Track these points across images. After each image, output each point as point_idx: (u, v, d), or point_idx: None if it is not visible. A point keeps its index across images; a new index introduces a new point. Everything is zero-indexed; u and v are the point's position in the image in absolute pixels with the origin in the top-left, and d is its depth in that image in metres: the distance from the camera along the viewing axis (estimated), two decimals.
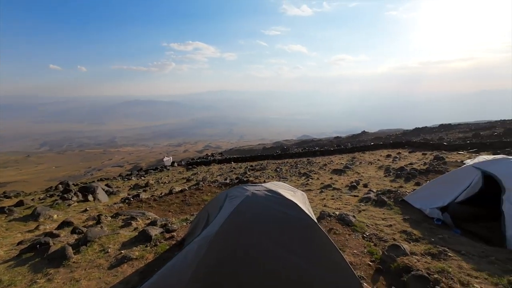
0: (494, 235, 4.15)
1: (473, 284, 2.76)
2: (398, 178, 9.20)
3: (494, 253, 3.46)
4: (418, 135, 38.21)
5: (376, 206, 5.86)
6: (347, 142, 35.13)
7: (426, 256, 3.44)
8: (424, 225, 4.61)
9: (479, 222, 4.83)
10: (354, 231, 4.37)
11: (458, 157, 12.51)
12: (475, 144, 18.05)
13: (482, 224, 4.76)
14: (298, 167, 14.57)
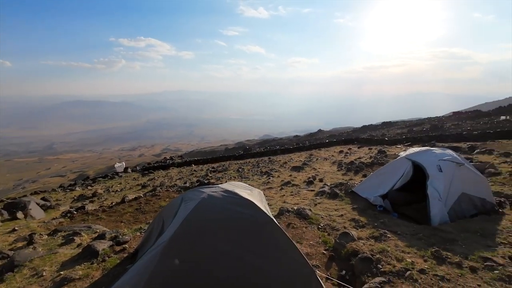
0: (422, 215, 4.87)
1: (406, 259, 3.20)
2: (349, 171, 10.11)
3: (421, 230, 4.07)
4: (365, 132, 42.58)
5: (330, 198, 6.33)
6: (305, 141, 37.16)
7: (370, 240, 3.87)
8: (369, 212, 5.17)
9: (412, 205, 5.62)
10: (310, 224, 4.65)
11: (396, 150, 14.33)
12: (409, 138, 20.90)
13: (414, 206, 5.54)
14: (259, 166, 14.85)
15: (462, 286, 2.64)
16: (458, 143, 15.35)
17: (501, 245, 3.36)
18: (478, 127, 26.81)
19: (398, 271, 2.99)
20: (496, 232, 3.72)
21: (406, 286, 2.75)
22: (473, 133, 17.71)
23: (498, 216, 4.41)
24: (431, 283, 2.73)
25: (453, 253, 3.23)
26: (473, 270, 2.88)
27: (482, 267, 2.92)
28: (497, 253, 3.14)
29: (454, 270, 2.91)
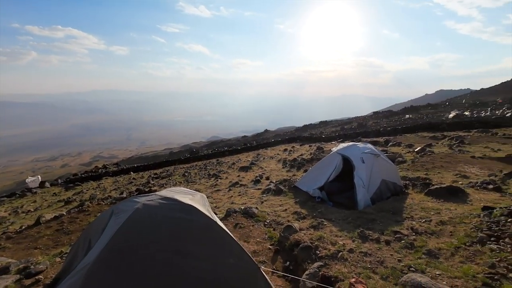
0: (351, 201, 5.60)
1: (338, 242, 3.62)
2: (292, 168, 10.83)
3: (350, 215, 4.68)
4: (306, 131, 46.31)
5: (275, 195, 6.65)
6: (253, 141, 38.08)
7: (310, 229, 4.22)
8: (309, 204, 5.65)
9: (344, 194, 6.40)
10: (257, 221, 4.79)
11: (331, 146, 16.10)
12: (341, 135, 23.76)
13: (345, 194, 6.32)
14: (207, 169, 14.49)
15: (380, 257, 3.14)
16: (377, 137, 18.28)
17: (406, 219, 4.15)
18: (391, 124, 32.48)
19: (332, 254, 3.36)
20: (403, 209, 4.57)
21: (339, 266, 3.11)
22: (387, 129, 21.37)
23: (404, 196, 5.43)
24: (357, 260, 3.16)
25: (373, 231, 3.82)
26: (387, 243, 3.47)
27: (393, 239, 3.54)
28: (403, 226, 3.86)
29: (374, 245, 3.45)
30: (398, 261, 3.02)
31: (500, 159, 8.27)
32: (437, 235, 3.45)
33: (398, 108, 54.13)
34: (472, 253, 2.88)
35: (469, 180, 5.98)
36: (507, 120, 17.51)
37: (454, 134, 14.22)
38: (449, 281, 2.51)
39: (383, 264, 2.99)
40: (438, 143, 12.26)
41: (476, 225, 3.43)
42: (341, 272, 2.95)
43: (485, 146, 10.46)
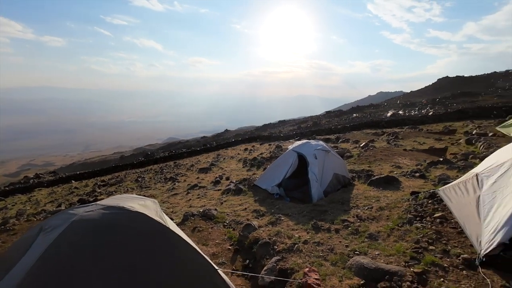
0: (306, 195, 5.95)
1: (294, 235, 3.81)
2: (252, 167, 10.97)
3: (305, 208, 4.97)
4: (266, 130, 47.43)
5: (235, 195, 6.64)
6: (213, 141, 37.37)
7: (268, 226, 4.34)
8: (267, 201, 5.80)
9: (300, 189, 6.76)
10: (216, 223, 4.71)
11: (289, 144, 16.84)
12: (298, 134, 25.01)
13: (301, 189, 6.68)
14: (164, 172, 13.67)
15: (331, 245, 3.41)
16: (329, 135, 19.81)
17: (352, 208, 4.59)
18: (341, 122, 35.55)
19: (289, 247, 3.51)
20: (350, 199, 5.05)
21: (295, 257, 3.27)
22: (338, 127, 23.35)
23: (351, 187, 6.00)
24: (311, 250, 3.37)
25: (325, 221, 4.13)
26: (337, 231, 3.79)
27: (342, 227, 3.88)
28: (350, 214, 4.27)
29: (326, 235, 3.73)
30: (345, 246, 3.32)
31: (424, 150, 9.79)
32: (377, 220, 3.91)
33: (347, 108, 59.56)
34: (403, 232, 3.34)
35: (401, 170, 6.92)
36: (430, 118, 20.85)
37: (390, 131, 16.29)
38: (386, 259, 2.87)
39: (333, 251, 3.25)
40: (378, 139, 13.89)
41: (406, 208, 4.00)
42: (297, 263, 3.11)
43: (413, 140, 12.25)
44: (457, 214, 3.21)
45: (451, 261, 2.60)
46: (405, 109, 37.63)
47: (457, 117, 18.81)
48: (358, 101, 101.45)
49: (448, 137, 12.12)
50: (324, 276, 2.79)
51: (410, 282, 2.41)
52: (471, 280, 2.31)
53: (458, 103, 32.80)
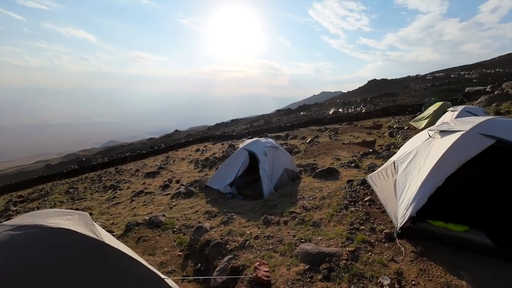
0: (258, 192, 6.11)
1: (246, 232, 3.88)
2: (205, 167, 10.68)
3: (257, 204, 5.10)
4: (218, 129, 46.77)
5: (185, 198, 6.36)
6: (161, 143, 34.97)
7: (220, 226, 4.30)
8: (220, 201, 5.74)
9: (251, 186, 6.89)
10: (165, 230, 4.43)
11: (242, 143, 16.99)
12: (250, 132, 25.44)
13: (253, 186, 6.83)
14: (103, 180, 12.15)
15: (280, 237, 3.58)
16: (280, 132, 20.77)
17: (299, 199, 4.92)
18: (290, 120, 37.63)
19: (240, 244, 3.55)
20: (297, 191, 5.40)
21: (246, 254, 3.32)
22: (287, 125, 24.66)
23: (299, 181, 6.43)
24: (262, 244, 3.48)
25: (275, 215, 4.32)
26: (285, 223, 4.01)
27: (290, 218, 4.13)
28: (297, 206, 4.57)
29: (275, 228, 3.90)
30: (293, 236, 3.53)
31: (358, 143, 11.17)
32: (320, 208, 4.28)
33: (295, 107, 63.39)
34: (340, 217, 3.75)
35: (340, 162, 7.74)
36: (362, 115, 23.90)
37: (332, 127, 18.05)
38: (327, 242, 3.18)
39: (282, 243, 3.43)
40: (322, 135, 15.23)
41: (343, 195, 4.50)
42: (248, 259, 3.17)
43: (350, 134, 13.86)
44: (380, 196, 3.78)
45: (377, 236, 3.05)
46: (343, 107, 42.21)
47: (382, 114, 22.04)
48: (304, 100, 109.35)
49: (376, 131, 14.10)
50: (273, 267, 2.92)
51: (346, 260, 2.72)
52: (391, 250, 2.76)
53: (383, 102, 38.48)
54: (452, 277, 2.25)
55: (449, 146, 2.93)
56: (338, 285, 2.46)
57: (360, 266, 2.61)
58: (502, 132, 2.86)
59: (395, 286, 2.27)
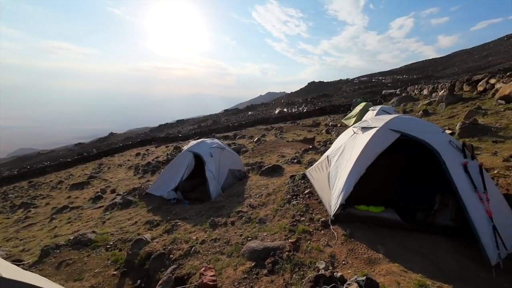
0: (205, 194, 5.93)
1: (192, 238, 3.71)
2: (146, 173, 9.79)
3: (204, 207, 4.95)
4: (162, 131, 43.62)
5: (122, 208, 5.70)
6: (93, 148, 30.51)
7: (163, 235, 4.00)
8: (163, 208, 5.34)
9: (198, 189, 6.65)
10: (96, 248, 3.86)
11: None
12: (198, 133, 24.56)
13: (200, 189, 6.59)
14: (9, 198, 9.84)
15: (227, 238, 3.55)
16: (228, 132, 20.70)
17: (246, 198, 4.99)
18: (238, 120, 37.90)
19: (186, 252, 3.37)
20: (244, 190, 5.47)
21: (192, 261, 3.18)
22: (235, 125, 24.77)
23: (246, 180, 6.51)
24: (208, 248, 3.39)
25: (222, 216, 4.27)
26: (233, 223, 4.00)
27: (237, 218, 4.14)
28: (244, 205, 4.62)
29: (223, 229, 3.85)
30: (240, 236, 3.55)
31: (301, 141, 12.05)
32: (266, 205, 4.43)
33: (243, 107, 64.30)
34: (284, 211, 3.96)
35: (285, 158, 8.20)
36: (304, 114, 25.92)
37: (277, 126, 18.98)
38: (271, 237, 3.30)
39: (229, 243, 3.41)
40: (268, 133, 15.85)
41: (287, 190, 4.76)
42: (194, 266, 3.03)
43: (293, 132, 14.84)
44: (317, 188, 4.15)
45: (315, 225, 3.34)
46: (288, 107, 44.94)
47: (320, 113, 24.38)
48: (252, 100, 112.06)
49: (315, 129, 15.49)
50: (220, 270, 2.87)
51: (288, 251, 2.89)
52: (326, 236, 3.06)
53: (321, 102, 42.62)
54: (372, 252, 2.63)
55: (367, 140, 3.42)
56: (282, 276, 2.59)
57: (300, 255, 2.80)
58: (405, 127, 3.48)
59: (329, 268, 2.52)
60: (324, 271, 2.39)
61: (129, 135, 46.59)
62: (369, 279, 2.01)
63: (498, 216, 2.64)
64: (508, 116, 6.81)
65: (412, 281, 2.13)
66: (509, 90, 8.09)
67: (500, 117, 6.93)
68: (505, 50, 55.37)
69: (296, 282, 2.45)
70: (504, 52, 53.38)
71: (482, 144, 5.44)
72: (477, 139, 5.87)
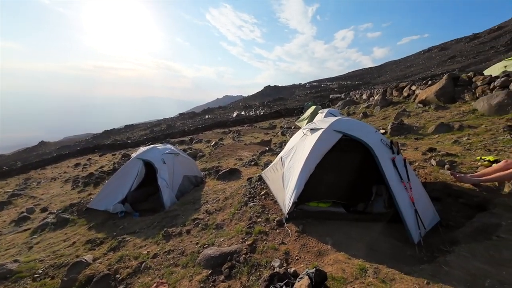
0: (158, 204, 5.54)
1: (142, 253, 3.41)
2: (88, 185, 8.68)
3: (156, 218, 4.62)
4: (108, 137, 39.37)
5: (56, 229, 4.92)
6: (17, 160, 25.70)
7: (108, 254, 3.58)
8: (109, 223, 4.80)
9: (151, 198, 6.18)
10: (17, 281, 3.22)
11: None
12: (150, 138, 22.91)
13: (153, 199, 6.13)
14: None
15: (182, 248, 3.38)
16: (184, 137, 19.84)
17: (203, 204, 4.84)
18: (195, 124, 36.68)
19: (135, 269, 3.08)
20: (201, 196, 5.30)
21: (143, 277, 2.92)
22: (192, 129, 23.90)
23: (203, 185, 6.33)
24: (161, 262, 3.16)
25: (176, 226, 4.05)
26: (188, 232, 3.82)
27: (193, 226, 3.98)
28: (200, 211, 4.47)
29: (177, 240, 3.65)
30: (196, 244, 3.42)
31: (258, 143, 12.30)
32: (223, 210, 4.38)
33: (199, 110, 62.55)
34: (241, 214, 3.97)
35: (242, 161, 8.25)
36: (261, 117, 26.58)
37: (235, 129, 19.03)
38: (228, 242, 3.27)
39: (184, 254, 3.25)
40: (226, 137, 15.76)
41: (244, 192, 4.79)
42: (145, 283, 2.79)
43: (251, 135, 15.07)
44: (272, 189, 4.29)
45: (271, 225, 3.43)
46: (245, 110, 45.46)
47: (276, 116, 25.36)
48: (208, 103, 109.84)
49: (272, 131, 16.02)
50: (174, 283, 2.71)
51: (245, 254, 2.90)
52: (281, 235, 3.18)
53: (277, 105, 44.39)
54: (322, 245, 2.83)
55: (315, 141, 3.69)
56: (239, 280, 2.58)
57: (257, 256, 2.84)
58: (346, 128, 3.87)
59: (284, 265, 2.62)
60: (279, 268, 2.47)
61: (65, 143, 40.58)
62: (318, 270, 2.15)
63: (419, 201, 3.14)
64: (425, 117, 8.19)
65: (354, 266, 2.36)
66: (425, 95, 9.75)
67: (419, 118, 8.29)
68: (423, 62, 66.77)
69: (253, 283, 2.47)
70: (422, 64, 64.33)
71: (407, 141, 6.41)
72: (403, 136, 6.90)
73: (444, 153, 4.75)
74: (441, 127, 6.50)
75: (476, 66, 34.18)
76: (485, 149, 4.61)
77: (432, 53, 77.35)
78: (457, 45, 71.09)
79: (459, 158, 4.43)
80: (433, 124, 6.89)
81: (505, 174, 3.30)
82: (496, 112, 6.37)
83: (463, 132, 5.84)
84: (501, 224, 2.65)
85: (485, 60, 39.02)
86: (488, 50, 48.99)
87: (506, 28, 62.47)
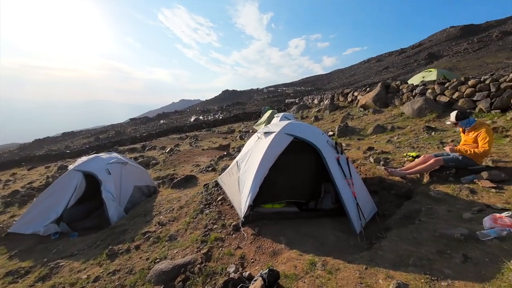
0: (104, 219, 4.96)
1: (81, 277, 2.99)
2: (10, 206, 7.26)
3: (100, 236, 4.12)
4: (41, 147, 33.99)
5: None
6: None
7: (36, 285, 3.04)
8: (38, 248, 4.09)
9: (94, 214, 5.51)
10: None
11: None
12: (94, 147, 20.50)
13: (96, 214, 5.48)
14: None
15: (129, 266, 3.08)
16: (135, 144, 18.31)
17: (155, 216, 4.51)
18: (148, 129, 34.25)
19: None
20: (153, 207, 4.94)
21: None
22: (144, 135, 22.24)
23: (156, 195, 5.92)
24: (105, 284, 2.83)
25: (124, 242, 3.68)
26: (137, 248, 3.51)
27: (143, 241, 3.67)
28: (152, 224, 4.16)
29: (124, 257, 3.31)
30: (146, 260, 3.16)
31: (216, 148, 12.11)
32: (177, 219, 4.15)
33: (153, 115, 58.73)
34: (197, 222, 3.83)
35: (199, 168, 8.00)
36: (219, 121, 26.30)
37: (192, 134, 18.39)
38: (183, 253, 3.11)
39: (132, 272, 2.97)
40: (183, 142, 15.10)
41: (200, 200, 4.64)
42: None
43: (209, 140, 14.76)
44: (228, 194, 4.27)
45: (227, 231, 3.39)
46: (203, 115, 44.40)
47: (235, 120, 25.43)
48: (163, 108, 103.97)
49: (230, 136, 15.98)
50: None
51: (200, 264, 2.79)
52: (237, 239, 3.17)
53: (235, 109, 44.57)
54: (276, 244, 2.92)
55: (268, 144, 3.81)
56: None
57: (212, 264, 2.77)
58: (296, 131, 4.10)
59: (239, 269, 2.61)
60: (234, 273, 2.45)
61: None
62: (271, 270, 2.20)
63: (360, 195, 3.50)
64: (365, 119, 9.24)
65: (305, 262, 2.49)
66: (364, 101, 11.01)
67: (361, 120, 9.31)
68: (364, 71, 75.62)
69: None
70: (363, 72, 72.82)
71: (351, 141, 7.13)
72: (348, 137, 7.65)
73: (380, 151, 5.42)
74: (377, 128, 7.42)
75: (404, 76, 40.35)
76: (410, 146, 5.42)
77: (371, 63, 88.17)
78: (390, 58, 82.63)
79: (391, 155, 5.11)
80: (371, 126, 7.82)
81: (423, 167, 3.93)
82: (417, 115, 7.57)
83: (394, 133, 6.76)
84: (421, 210, 3.14)
85: (411, 71, 46.43)
86: (413, 62, 58.39)
87: (425, 45, 75.36)
